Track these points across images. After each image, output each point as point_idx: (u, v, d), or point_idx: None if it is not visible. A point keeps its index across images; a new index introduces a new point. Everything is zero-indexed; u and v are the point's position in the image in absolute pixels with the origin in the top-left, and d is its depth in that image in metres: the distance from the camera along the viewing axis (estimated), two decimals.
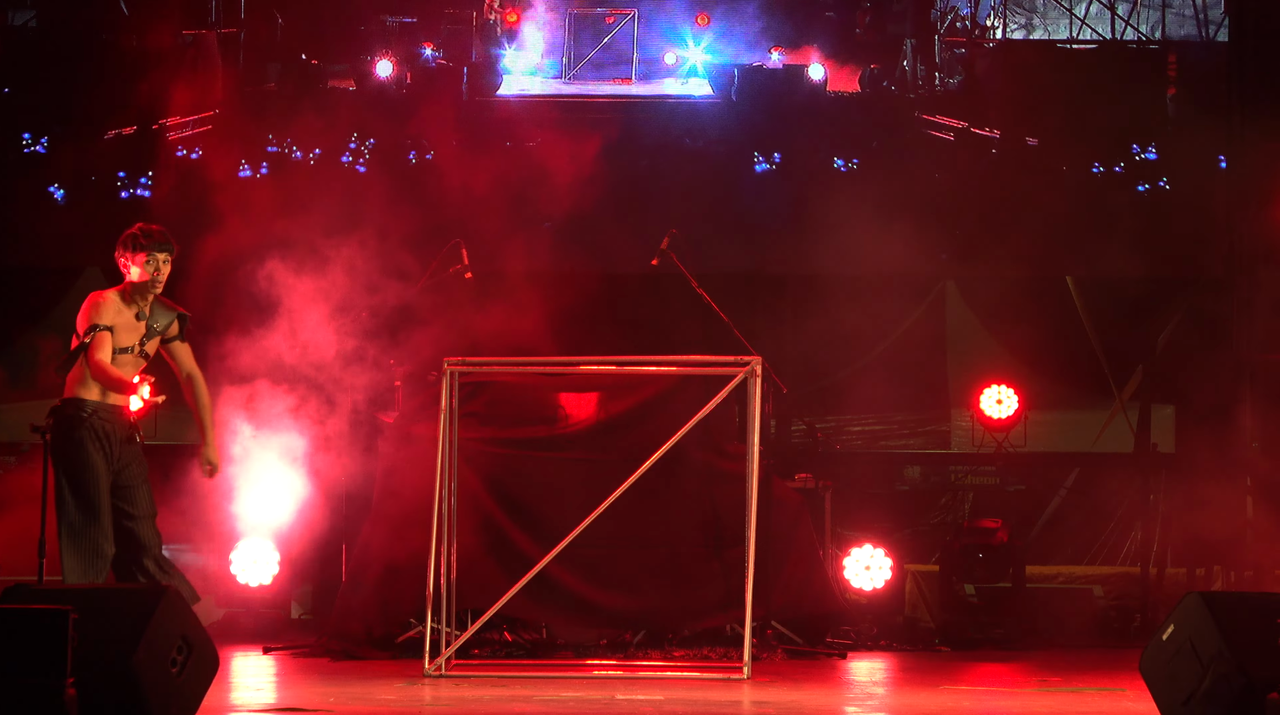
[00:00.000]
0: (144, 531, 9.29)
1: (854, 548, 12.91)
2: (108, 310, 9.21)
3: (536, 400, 11.51)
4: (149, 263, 9.22)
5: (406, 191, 14.60)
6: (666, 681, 10.14)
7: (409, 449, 11.26)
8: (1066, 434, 15.39)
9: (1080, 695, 9.75)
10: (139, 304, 9.29)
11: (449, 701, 9.15)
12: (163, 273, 9.28)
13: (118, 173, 15.50)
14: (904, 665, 11.44)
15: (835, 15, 19.18)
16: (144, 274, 9.22)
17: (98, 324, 9.15)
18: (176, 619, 7.79)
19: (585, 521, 10.25)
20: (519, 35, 20.16)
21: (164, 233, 9.32)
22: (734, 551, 10.88)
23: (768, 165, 16.28)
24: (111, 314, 9.21)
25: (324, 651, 11.23)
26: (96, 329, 9.13)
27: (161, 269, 9.26)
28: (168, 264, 9.29)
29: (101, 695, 7.39)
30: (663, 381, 11.29)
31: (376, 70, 17.18)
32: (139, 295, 9.28)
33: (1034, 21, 18.52)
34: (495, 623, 11.03)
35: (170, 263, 9.30)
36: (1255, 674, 7.74)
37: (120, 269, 9.30)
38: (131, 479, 9.30)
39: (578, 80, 19.80)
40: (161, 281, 9.29)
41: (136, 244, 9.22)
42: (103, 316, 9.18)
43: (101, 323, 9.16)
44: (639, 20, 20.23)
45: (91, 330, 9.13)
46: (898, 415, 15.75)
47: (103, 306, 9.21)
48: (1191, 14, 17.49)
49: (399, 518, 11.17)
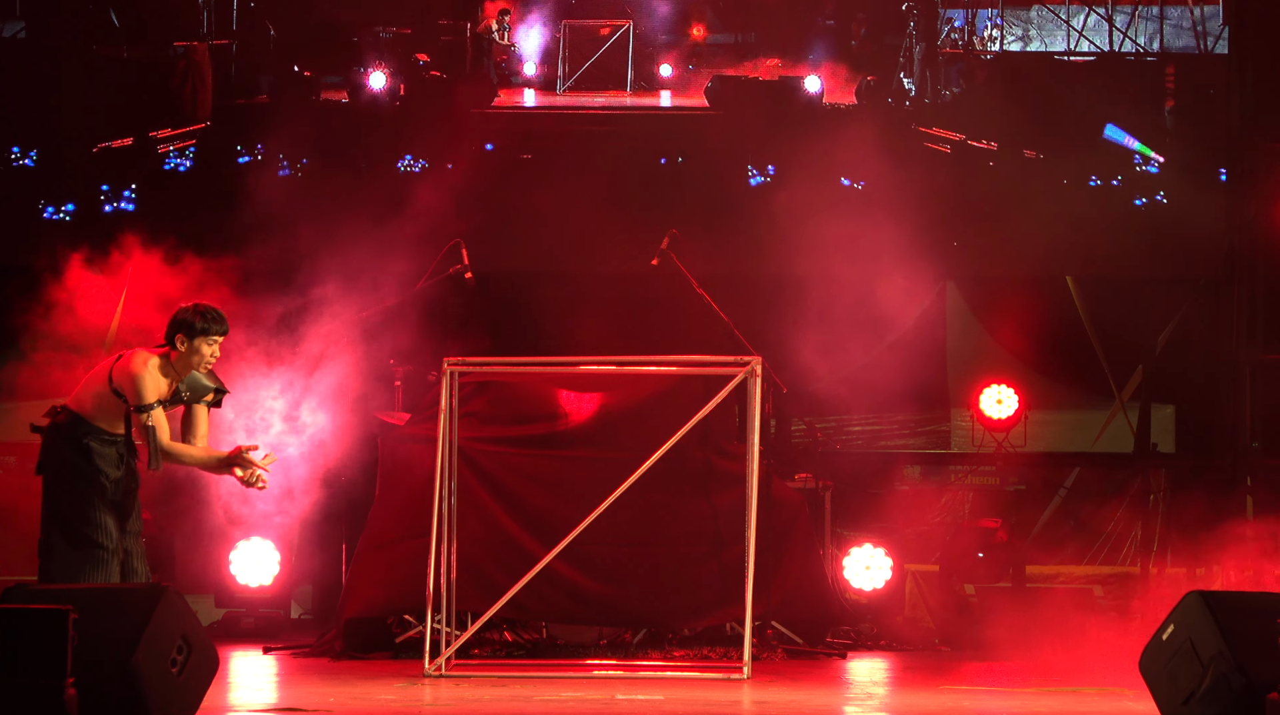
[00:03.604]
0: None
1: (854, 548, 12.91)
2: (151, 385, 8.97)
3: (537, 400, 11.51)
4: (208, 346, 9.10)
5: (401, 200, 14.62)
6: (666, 681, 10.14)
7: (409, 448, 11.26)
8: (1066, 434, 15.40)
9: (1080, 695, 9.75)
10: (175, 375, 9.12)
11: (449, 701, 9.15)
12: (216, 354, 9.20)
13: (101, 186, 15.43)
14: (904, 665, 11.44)
15: (834, 24, 19.16)
16: (201, 358, 9.07)
17: (151, 404, 8.93)
18: (176, 619, 7.79)
19: (585, 521, 10.26)
20: (513, 47, 20.15)
21: (222, 315, 9.17)
22: (734, 551, 10.88)
23: (763, 178, 16.26)
24: (160, 388, 9.01)
25: (324, 651, 11.23)
26: (154, 407, 8.94)
27: (216, 352, 9.18)
28: (219, 344, 9.21)
29: (101, 695, 7.39)
30: (663, 381, 11.29)
31: (370, 82, 17.15)
32: (179, 369, 9.12)
33: (1030, 33, 18.51)
34: (495, 623, 11.03)
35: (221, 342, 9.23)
36: (1255, 674, 7.75)
37: (173, 340, 9.06)
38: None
39: (572, 92, 19.79)
40: (212, 363, 9.17)
41: (196, 330, 9.03)
42: (150, 393, 8.95)
43: (154, 401, 8.96)
44: (634, 32, 20.22)
45: (147, 409, 8.93)
46: (898, 415, 15.76)
47: (146, 382, 8.96)
48: (1189, 26, 17.48)
49: (399, 517, 11.17)
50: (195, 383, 9.18)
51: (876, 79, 17.77)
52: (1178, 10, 17.11)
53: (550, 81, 20.03)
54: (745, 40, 20.34)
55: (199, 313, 9.13)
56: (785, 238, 14.93)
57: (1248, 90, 14.66)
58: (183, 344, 9.09)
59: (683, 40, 20.77)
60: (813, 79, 17.70)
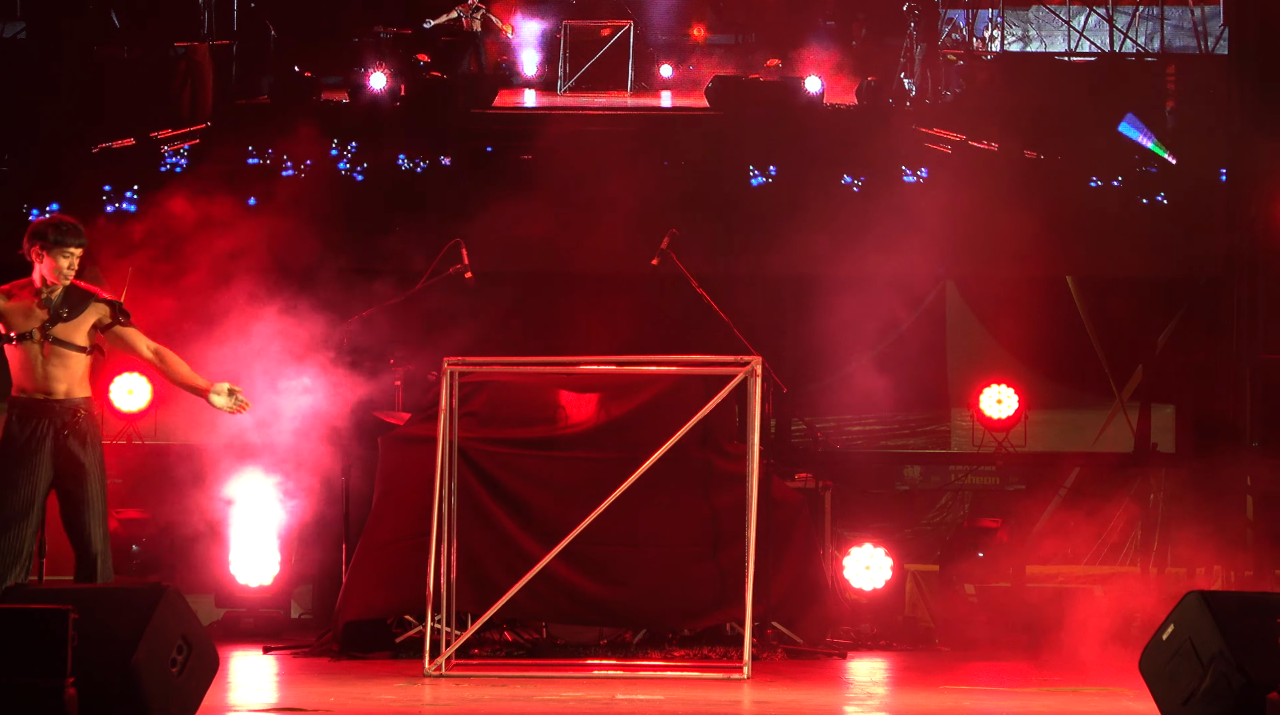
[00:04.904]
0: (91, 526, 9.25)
1: (854, 547, 12.91)
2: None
3: (536, 400, 11.51)
4: (64, 258, 9.12)
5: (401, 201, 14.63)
6: (666, 681, 10.14)
7: (409, 448, 11.26)
8: (1066, 434, 15.40)
9: (1080, 695, 9.75)
10: (43, 292, 9.15)
11: (449, 701, 9.15)
12: (75, 268, 9.17)
13: (103, 186, 15.43)
14: (904, 665, 11.44)
15: (834, 24, 19.15)
16: (58, 269, 9.12)
17: None
18: (176, 619, 7.79)
19: (585, 521, 10.26)
20: (514, 48, 20.14)
21: (75, 227, 9.19)
22: (734, 551, 10.88)
23: (763, 178, 16.26)
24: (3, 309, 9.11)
25: (324, 651, 11.23)
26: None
27: (75, 265, 9.17)
28: (78, 257, 9.20)
29: (101, 695, 7.39)
30: (663, 381, 11.29)
31: (370, 82, 17.14)
32: (45, 283, 9.15)
33: (1030, 33, 18.52)
34: (495, 623, 11.03)
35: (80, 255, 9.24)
36: (1255, 674, 7.75)
37: (30, 254, 9.15)
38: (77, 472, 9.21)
39: (573, 92, 19.78)
40: (70, 275, 9.19)
41: (50, 240, 9.10)
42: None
43: None
44: (634, 32, 20.21)
45: None
46: (898, 415, 15.76)
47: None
48: (1189, 26, 17.47)
49: (399, 517, 11.17)
50: (71, 299, 9.15)
51: (877, 79, 17.76)
52: (1178, 10, 17.11)
53: (550, 81, 20.03)
54: (745, 40, 20.34)
55: (52, 225, 9.19)
56: (786, 238, 14.94)
57: (1248, 90, 14.65)
58: (38, 257, 9.15)
59: (683, 40, 20.78)
60: (813, 79, 17.69)
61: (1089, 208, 15.57)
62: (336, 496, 11.90)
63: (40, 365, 9.16)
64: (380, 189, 15.11)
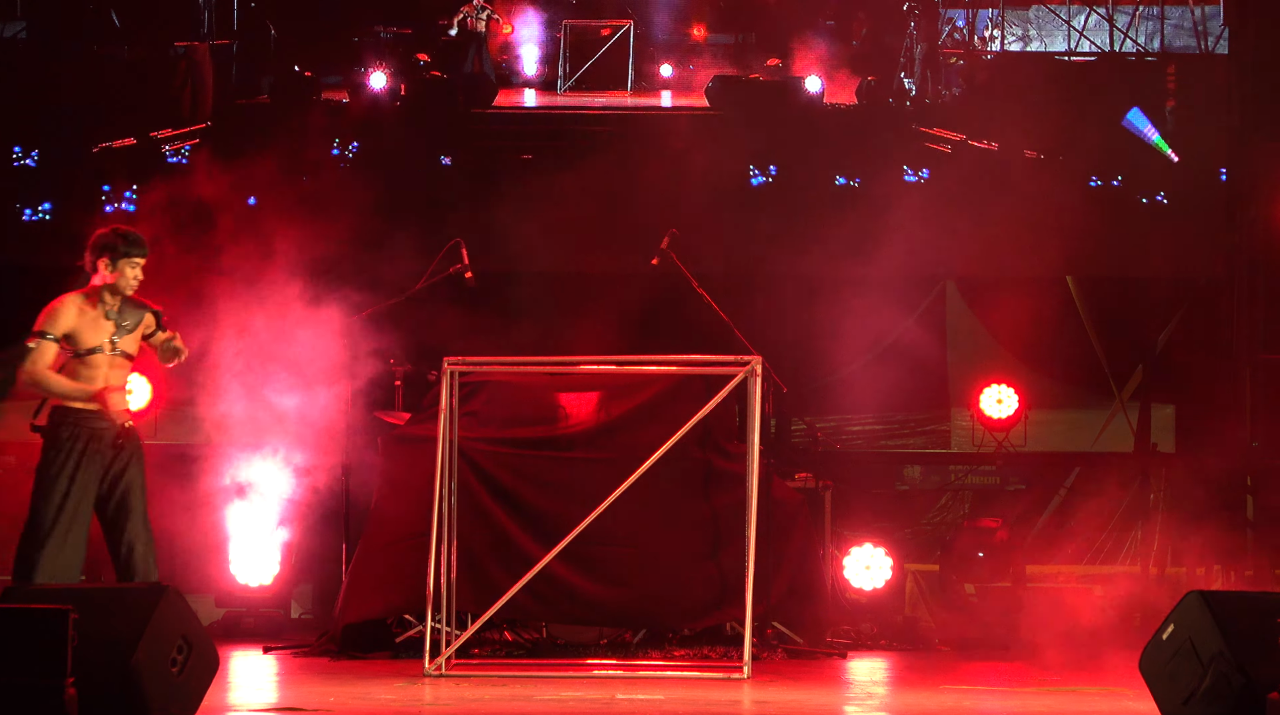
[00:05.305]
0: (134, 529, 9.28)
1: (854, 547, 12.91)
2: (64, 317, 9.08)
3: (536, 400, 11.51)
4: (131, 268, 9.15)
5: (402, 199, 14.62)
6: (666, 681, 10.14)
7: (409, 449, 11.26)
8: (1066, 434, 15.41)
9: (1080, 695, 9.75)
10: (107, 304, 9.20)
11: (449, 701, 9.15)
12: (140, 276, 9.22)
13: (102, 186, 15.43)
14: (904, 665, 11.44)
15: (835, 24, 19.18)
16: (125, 281, 9.12)
17: (46, 333, 9.05)
18: (176, 619, 7.79)
19: (585, 521, 10.25)
20: (514, 47, 20.16)
21: (141, 237, 9.23)
22: (734, 551, 10.88)
23: (763, 178, 16.27)
24: (70, 319, 9.10)
25: (324, 651, 11.23)
26: (44, 337, 9.03)
27: (139, 274, 9.20)
28: (142, 266, 9.24)
29: (101, 695, 7.39)
30: (663, 381, 11.29)
31: (370, 82, 17.13)
32: (108, 295, 9.19)
33: (1030, 33, 18.54)
34: (495, 623, 11.03)
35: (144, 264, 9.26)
36: (1255, 674, 7.74)
37: (89, 268, 9.18)
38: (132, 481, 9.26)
39: (573, 92, 19.79)
40: (135, 285, 9.23)
41: (119, 252, 9.12)
42: (55, 325, 9.07)
43: (50, 332, 9.05)
44: (634, 32, 20.24)
45: (38, 337, 9.03)
46: (898, 415, 15.77)
47: (59, 313, 9.09)
48: (1189, 26, 17.49)
49: (399, 517, 11.17)
50: (127, 310, 9.19)
51: (877, 79, 17.77)
52: (1178, 10, 17.13)
53: (550, 81, 20.03)
54: (745, 40, 20.35)
55: (120, 235, 9.20)
56: (785, 238, 14.94)
57: (1248, 90, 14.65)
58: (107, 268, 9.13)
59: (683, 40, 20.78)
60: (813, 79, 17.70)
61: (1089, 208, 15.58)
62: (336, 496, 11.90)
63: (103, 378, 9.14)
64: (380, 189, 15.13)
